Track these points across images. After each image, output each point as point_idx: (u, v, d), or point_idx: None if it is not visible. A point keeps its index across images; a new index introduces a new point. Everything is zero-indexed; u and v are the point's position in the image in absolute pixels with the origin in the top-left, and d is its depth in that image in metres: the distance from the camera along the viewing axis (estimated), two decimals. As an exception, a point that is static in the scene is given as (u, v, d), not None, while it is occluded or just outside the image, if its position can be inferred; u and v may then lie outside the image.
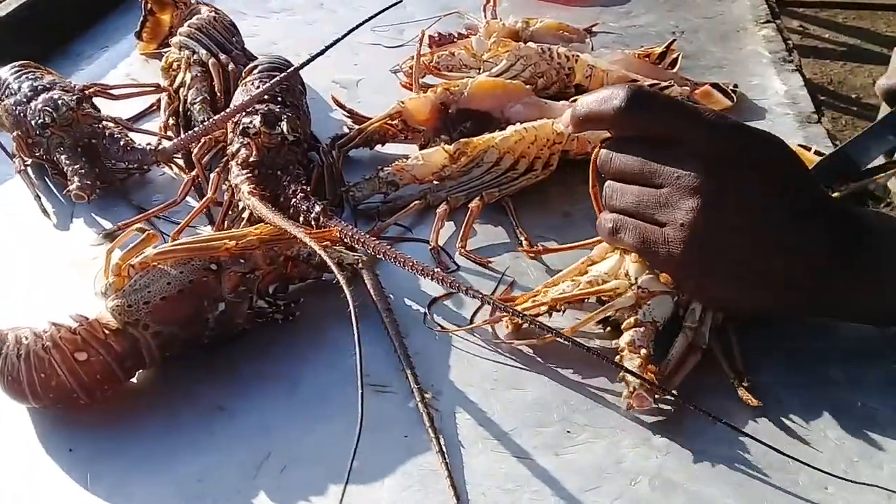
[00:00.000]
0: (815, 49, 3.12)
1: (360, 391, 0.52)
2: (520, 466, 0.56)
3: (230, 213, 0.79)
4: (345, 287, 0.58)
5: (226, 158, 0.83)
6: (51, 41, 1.17)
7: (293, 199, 0.77)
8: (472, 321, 0.68)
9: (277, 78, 0.84)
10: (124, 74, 1.11)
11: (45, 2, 1.18)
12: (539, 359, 0.64)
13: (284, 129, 0.81)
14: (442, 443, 0.57)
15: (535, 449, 0.57)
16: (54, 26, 1.18)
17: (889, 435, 0.57)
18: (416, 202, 0.81)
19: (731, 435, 0.57)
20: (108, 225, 0.82)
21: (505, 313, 0.64)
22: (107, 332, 0.61)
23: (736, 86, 0.97)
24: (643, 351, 0.59)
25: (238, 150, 0.81)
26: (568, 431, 0.58)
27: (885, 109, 0.81)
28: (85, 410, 0.61)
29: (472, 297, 0.62)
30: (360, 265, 0.70)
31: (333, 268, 0.60)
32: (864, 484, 0.53)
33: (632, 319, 0.62)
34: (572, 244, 0.73)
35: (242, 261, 0.66)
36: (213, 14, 1.07)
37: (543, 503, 0.53)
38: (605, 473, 0.55)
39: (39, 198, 0.86)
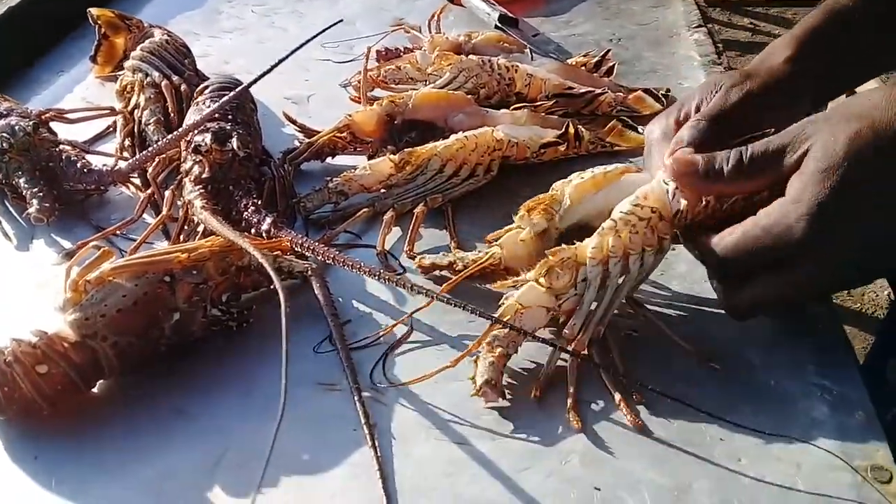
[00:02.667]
0: (765, 46, 3.20)
1: (283, 382, 0.55)
2: (459, 452, 0.60)
3: (185, 228, 0.83)
4: (279, 290, 0.62)
5: (180, 176, 0.87)
6: (6, 67, 1.19)
7: (245, 213, 0.81)
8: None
9: (227, 97, 0.87)
10: (80, 98, 1.13)
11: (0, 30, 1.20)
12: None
13: (235, 146, 0.85)
14: (375, 438, 0.61)
15: (474, 436, 0.61)
16: (9, 52, 1.21)
17: (798, 411, 0.62)
18: (364, 210, 0.85)
19: (653, 416, 0.61)
20: (67, 245, 0.85)
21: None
22: (66, 345, 0.64)
23: (668, 90, 1.03)
24: (499, 350, 0.63)
25: (191, 167, 0.84)
26: (504, 418, 0.62)
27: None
28: (48, 420, 0.64)
29: (416, 293, 0.66)
30: (310, 272, 0.74)
31: (271, 272, 0.64)
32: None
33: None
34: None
35: (195, 272, 0.69)
36: (165, 37, 1.10)
37: (480, 484, 0.58)
38: (538, 454, 0.60)
39: None
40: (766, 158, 0.63)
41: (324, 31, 0.87)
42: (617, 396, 0.63)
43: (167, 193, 0.85)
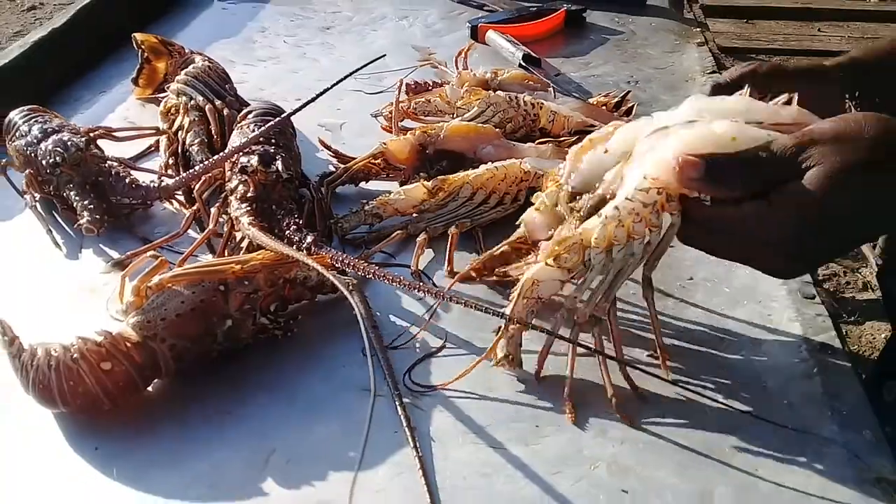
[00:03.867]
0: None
1: (372, 385, 0.59)
2: (495, 455, 0.65)
3: (229, 243, 0.88)
4: (352, 301, 0.67)
5: (224, 194, 0.92)
6: (50, 87, 1.25)
7: (287, 231, 0.86)
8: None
9: (272, 122, 0.93)
10: (122, 118, 1.19)
11: (43, 50, 1.26)
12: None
13: (279, 168, 0.90)
14: (416, 440, 0.65)
15: (508, 441, 0.66)
16: (52, 72, 1.26)
17: (810, 428, 0.66)
18: (398, 232, 0.90)
19: (675, 427, 0.66)
20: (115, 255, 0.90)
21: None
22: (128, 344, 0.68)
23: (684, 130, 1.08)
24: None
25: (237, 186, 0.89)
26: (536, 425, 0.67)
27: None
28: (108, 415, 0.68)
29: (455, 303, 0.70)
30: (350, 287, 0.79)
31: (338, 285, 0.69)
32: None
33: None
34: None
35: (246, 282, 0.74)
36: (207, 63, 1.16)
37: (515, 485, 0.62)
38: (568, 460, 0.64)
39: (51, 231, 0.93)
40: (774, 163, 0.63)
41: (368, 63, 0.93)
42: (609, 390, 0.68)
43: (213, 210, 0.90)
